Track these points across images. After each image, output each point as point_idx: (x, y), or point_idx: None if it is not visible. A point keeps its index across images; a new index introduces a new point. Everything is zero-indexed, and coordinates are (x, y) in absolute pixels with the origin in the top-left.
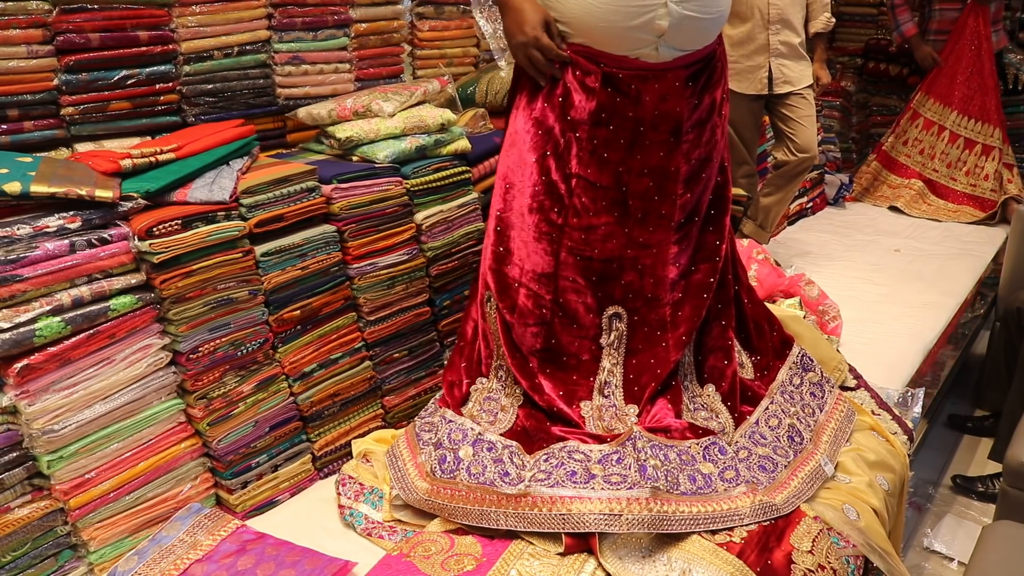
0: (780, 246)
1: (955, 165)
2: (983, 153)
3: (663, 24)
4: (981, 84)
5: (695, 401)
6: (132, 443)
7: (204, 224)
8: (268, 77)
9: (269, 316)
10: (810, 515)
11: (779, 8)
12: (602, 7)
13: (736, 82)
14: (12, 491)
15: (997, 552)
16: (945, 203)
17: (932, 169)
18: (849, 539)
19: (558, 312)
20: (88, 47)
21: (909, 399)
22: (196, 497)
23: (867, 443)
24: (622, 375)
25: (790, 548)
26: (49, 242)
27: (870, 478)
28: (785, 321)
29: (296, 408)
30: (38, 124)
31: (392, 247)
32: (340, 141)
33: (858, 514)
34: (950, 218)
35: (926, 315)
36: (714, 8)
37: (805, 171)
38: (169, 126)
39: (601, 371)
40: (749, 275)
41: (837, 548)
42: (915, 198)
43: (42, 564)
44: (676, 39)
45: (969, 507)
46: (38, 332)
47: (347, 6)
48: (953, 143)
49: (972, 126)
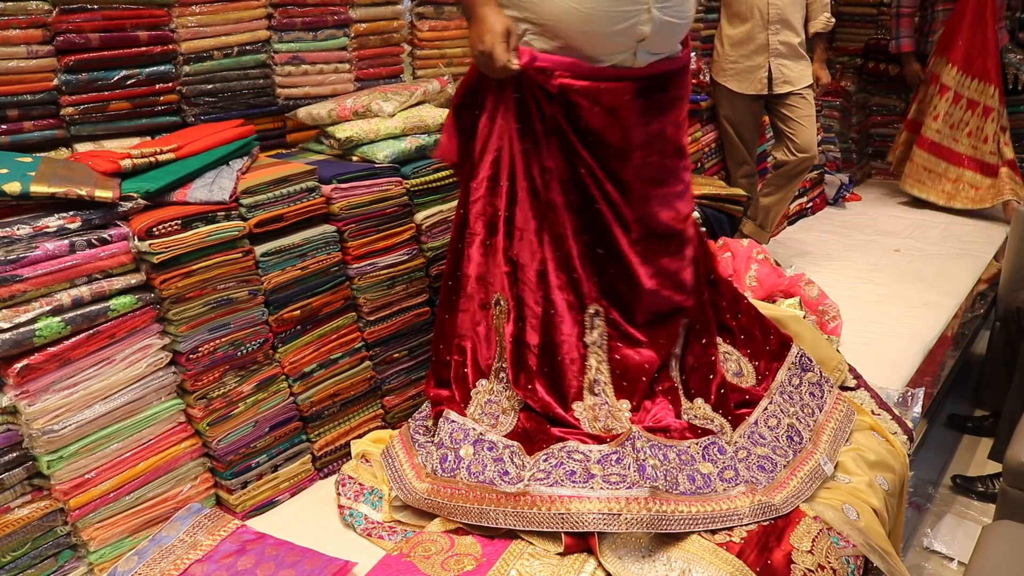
0: (780, 246)
1: (958, 126)
2: (984, 115)
3: (645, 30)
4: (983, 44)
5: (688, 412)
6: (132, 443)
7: (204, 224)
8: (268, 77)
9: (269, 316)
10: (810, 515)
11: (779, 8)
12: (586, 11)
13: (736, 82)
14: (12, 491)
15: (997, 552)
16: (948, 165)
17: (935, 131)
18: (849, 539)
19: (550, 310)
20: (88, 47)
21: (909, 399)
22: (196, 497)
23: (867, 443)
24: (609, 371)
25: (790, 548)
26: (49, 242)
27: (870, 478)
28: (785, 321)
29: (296, 408)
30: (38, 124)
31: (392, 247)
32: (340, 141)
33: (858, 514)
34: (953, 196)
35: (926, 315)
36: (686, 13)
37: (805, 171)
38: (169, 126)
39: (588, 369)
40: (749, 275)
41: (837, 548)
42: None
43: (42, 564)
44: (653, 44)
45: (969, 507)
46: (38, 332)
47: (347, 6)
48: (956, 104)
49: (975, 86)
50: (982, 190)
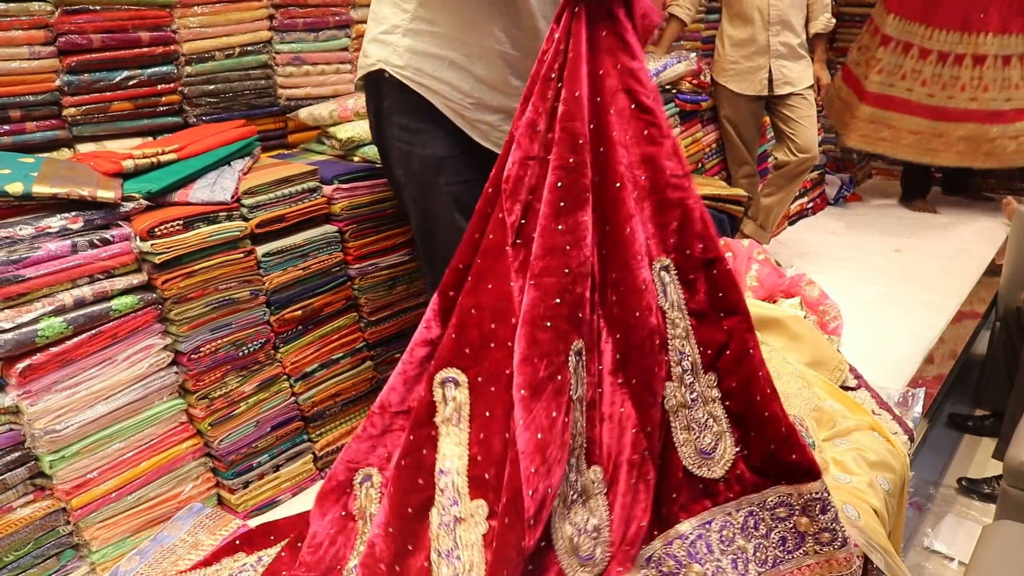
0: (781, 246)
1: (950, 84)
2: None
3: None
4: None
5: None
6: (134, 443)
7: (206, 224)
8: (269, 78)
9: (270, 316)
10: None
11: (779, 10)
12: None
13: (737, 83)
14: (14, 491)
15: (997, 552)
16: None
17: (928, 95)
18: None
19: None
20: (90, 48)
21: (909, 399)
22: (197, 497)
23: (867, 443)
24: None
25: None
26: (51, 242)
27: (870, 478)
28: (786, 322)
29: (297, 408)
30: (40, 125)
31: (393, 247)
32: (341, 142)
33: (858, 514)
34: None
35: (926, 315)
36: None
37: (806, 171)
38: (171, 127)
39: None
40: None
41: None
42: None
43: (44, 564)
44: None
45: (969, 507)
46: (40, 332)
47: (348, 7)
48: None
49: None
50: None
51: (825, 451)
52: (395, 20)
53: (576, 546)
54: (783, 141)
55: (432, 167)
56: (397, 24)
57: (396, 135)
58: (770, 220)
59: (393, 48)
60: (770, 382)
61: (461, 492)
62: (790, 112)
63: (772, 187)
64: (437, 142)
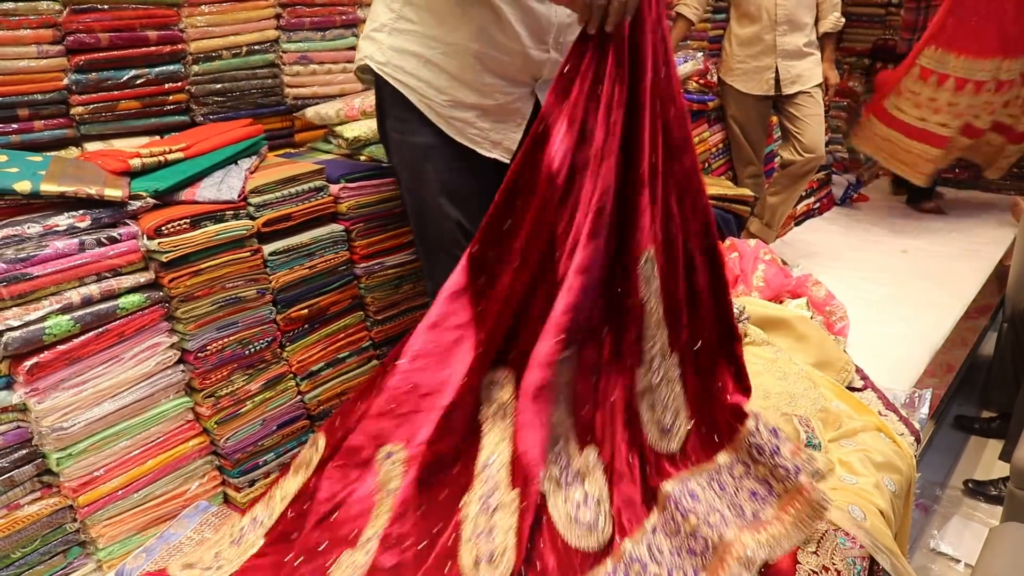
0: (787, 246)
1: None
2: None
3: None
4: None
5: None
6: (140, 441)
7: (212, 223)
8: (276, 77)
9: (277, 315)
10: None
11: (786, 9)
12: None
13: (743, 82)
14: (22, 488)
15: (1004, 554)
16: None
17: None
18: (855, 540)
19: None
20: (98, 47)
21: (916, 400)
22: (204, 495)
23: (874, 444)
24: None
25: (795, 548)
26: (59, 240)
27: (876, 479)
28: (792, 322)
29: (303, 406)
30: (48, 123)
31: (399, 246)
32: (348, 141)
33: (864, 515)
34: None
35: (933, 316)
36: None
37: (811, 171)
38: (178, 125)
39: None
40: (756, 275)
41: (843, 549)
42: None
43: (51, 561)
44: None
45: (976, 509)
46: (47, 330)
47: (355, 6)
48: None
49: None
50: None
51: (831, 452)
52: (384, 19)
53: (576, 518)
54: (789, 140)
55: (421, 155)
56: (385, 23)
57: (392, 125)
58: (775, 218)
59: (378, 45)
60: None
61: (501, 483)
62: (796, 111)
63: (777, 186)
64: (424, 130)
